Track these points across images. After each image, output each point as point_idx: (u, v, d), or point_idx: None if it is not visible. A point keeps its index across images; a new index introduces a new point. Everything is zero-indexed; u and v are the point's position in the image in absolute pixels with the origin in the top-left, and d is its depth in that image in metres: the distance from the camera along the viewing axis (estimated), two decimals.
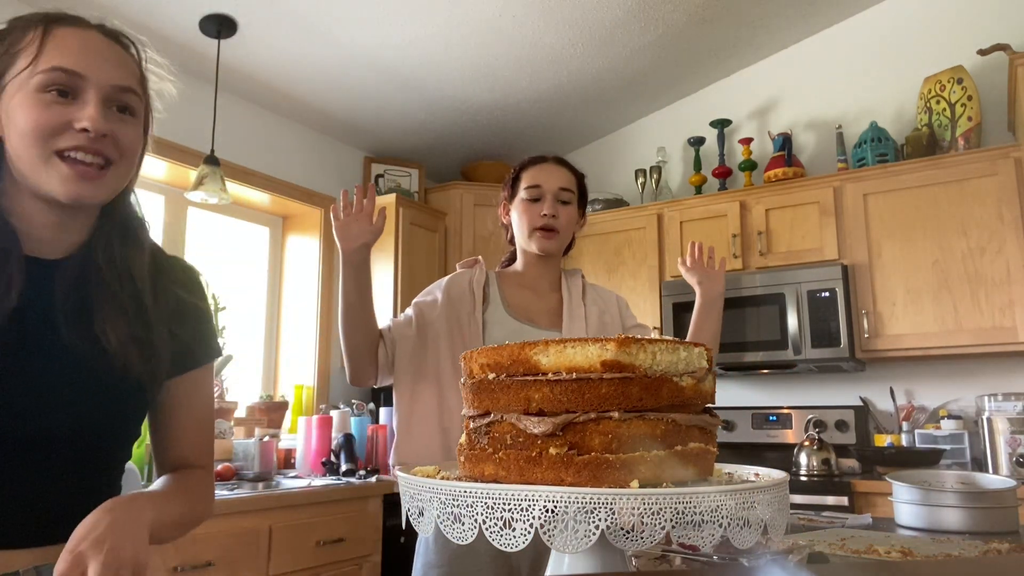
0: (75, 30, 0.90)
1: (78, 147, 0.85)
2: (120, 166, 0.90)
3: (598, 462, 0.67)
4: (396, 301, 3.63)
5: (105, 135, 0.86)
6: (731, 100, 3.89)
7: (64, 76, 0.86)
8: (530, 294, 1.65)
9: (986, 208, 2.95)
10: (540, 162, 1.67)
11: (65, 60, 0.86)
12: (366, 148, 4.05)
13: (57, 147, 0.85)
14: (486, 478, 0.74)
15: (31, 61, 0.85)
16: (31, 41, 0.87)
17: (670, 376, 0.72)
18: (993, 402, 2.90)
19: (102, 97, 0.88)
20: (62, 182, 0.85)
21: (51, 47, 0.86)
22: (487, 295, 1.61)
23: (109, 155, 0.88)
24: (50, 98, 0.85)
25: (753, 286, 3.29)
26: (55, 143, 0.85)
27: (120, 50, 0.95)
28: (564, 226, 1.64)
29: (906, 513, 1.52)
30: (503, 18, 3.09)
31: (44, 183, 0.86)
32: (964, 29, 3.32)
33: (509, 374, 0.73)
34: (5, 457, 0.83)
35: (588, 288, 1.73)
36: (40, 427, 0.85)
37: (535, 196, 1.61)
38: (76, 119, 0.85)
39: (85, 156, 0.86)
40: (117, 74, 0.90)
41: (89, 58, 0.88)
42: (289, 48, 3.10)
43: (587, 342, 0.70)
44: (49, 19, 0.89)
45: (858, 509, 2.69)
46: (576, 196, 1.68)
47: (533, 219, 1.61)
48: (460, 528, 0.69)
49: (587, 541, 0.64)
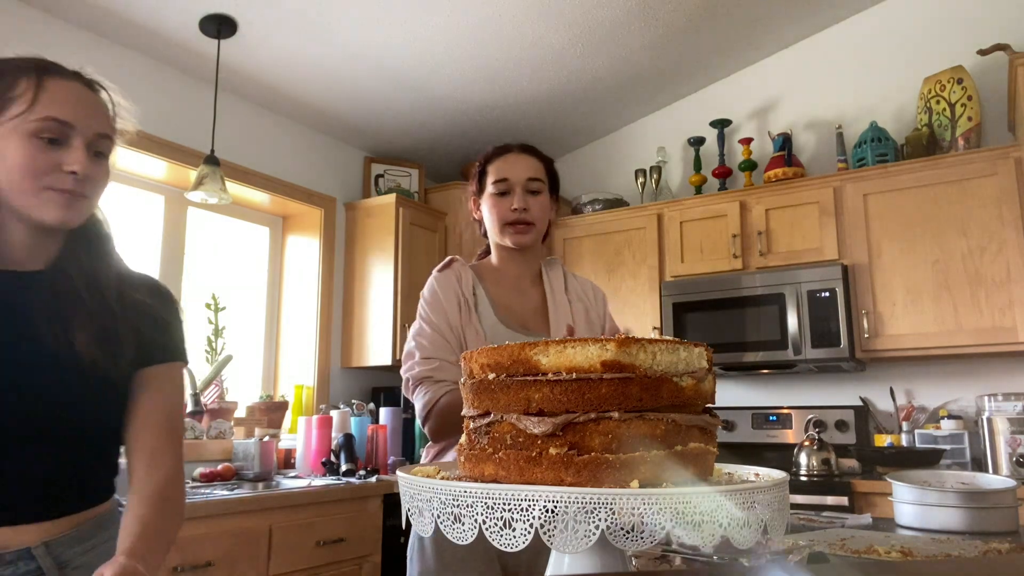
0: (64, 82, 1.05)
1: (65, 187, 1.01)
2: (93, 198, 1.07)
3: (598, 462, 0.67)
4: (396, 301, 3.63)
5: (87, 176, 1.03)
6: (731, 100, 3.89)
7: (57, 125, 1.01)
8: (513, 294, 1.60)
9: (986, 208, 2.95)
10: (505, 153, 1.61)
11: (58, 111, 1.01)
12: (366, 148, 4.05)
13: (48, 184, 1.01)
14: (486, 478, 0.74)
15: (27, 108, 1.00)
16: (26, 89, 1.01)
17: (670, 376, 0.72)
18: (993, 402, 2.90)
19: (86, 143, 1.04)
20: (50, 210, 1.01)
21: (45, 98, 1.01)
22: (476, 299, 1.55)
23: (86, 191, 1.05)
24: (43, 143, 1.00)
25: (753, 286, 3.29)
26: (47, 181, 1.00)
27: (98, 99, 1.09)
28: (537, 218, 1.58)
29: (906, 513, 1.52)
30: (503, 18, 3.09)
31: (34, 211, 1.01)
32: (964, 29, 3.32)
33: (509, 374, 0.73)
34: (6, 443, 0.97)
35: (569, 280, 1.68)
36: (30, 417, 0.99)
37: (503, 190, 1.56)
38: (66, 162, 1.01)
39: (72, 191, 1.02)
40: (98, 123, 1.06)
41: (77, 109, 1.03)
42: (289, 48, 3.10)
43: (587, 342, 0.70)
44: (40, 69, 1.04)
45: (858, 509, 2.69)
46: (546, 184, 1.61)
47: (503, 214, 1.56)
48: (460, 528, 0.69)
49: (587, 541, 0.64)
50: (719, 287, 3.36)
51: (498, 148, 1.63)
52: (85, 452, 1.06)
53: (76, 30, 2.76)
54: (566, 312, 1.58)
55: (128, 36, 2.85)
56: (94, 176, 1.05)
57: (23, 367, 1.00)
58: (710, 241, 3.50)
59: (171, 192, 3.22)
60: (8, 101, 1.00)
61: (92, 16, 2.72)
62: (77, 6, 2.67)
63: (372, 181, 4.01)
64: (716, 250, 3.47)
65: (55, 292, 1.05)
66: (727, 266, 3.42)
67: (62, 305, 1.04)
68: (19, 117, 0.99)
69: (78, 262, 1.08)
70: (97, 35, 2.81)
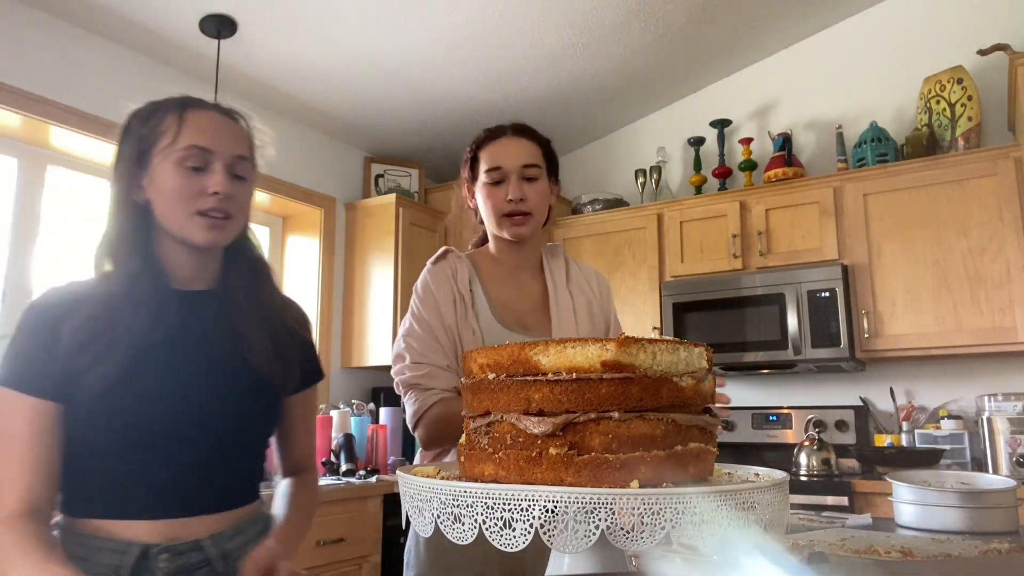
0: (203, 112, 1.15)
1: (212, 208, 1.11)
2: (238, 218, 1.17)
3: (598, 462, 0.67)
4: (396, 301, 3.63)
5: (229, 195, 1.13)
6: (731, 100, 3.89)
7: (198, 152, 1.11)
8: (511, 288, 1.49)
9: (986, 208, 2.95)
10: (497, 136, 1.48)
11: (199, 139, 1.12)
12: (366, 148, 4.05)
13: (196, 208, 1.11)
14: (486, 478, 0.74)
15: (172, 140, 1.11)
16: (171, 124, 1.12)
17: (670, 376, 0.72)
18: (993, 402, 2.90)
19: (225, 166, 1.13)
20: (199, 232, 1.11)
21: (187, 129, 1.12)
22: (473, 295, 1.45)
23: (230, 211, 1.14)
24: (188, 170, 1.11)
25: (753, 286, 3.29)
26: (195, 204, 1.11)
27: (236, 125, 1.19)
28: (535, 207, 1.45)
29: (906, 513, 1.52)
30: (503, 18, 3.09)
31: (186, 233, 1.12)
32: (964, 29, 3.32)
33: (509, 374, 0.73)
34: (183, 444, 1.09)
35: (572, 269, 1.58)
36: (206, 422, 1.11)
37: (497, 179, 1.44)
38: (208, 185, 1.11)
39: (215, 212, 1.12)
40: (235, 147, 1.16)
41: (215, 136, 1.14)
42: (289, 48, 3.10)
43: (587, 342, 0.70)
44: (182, 104, 1.15)
45: (858, 509, 2.69)
46: (544, 168, 1.48)
47: (499, 205, 1.43)
48: (460, 528, 0.69)
49: (587, 541, 0.64)
50: (719, 287, 3.36)
51: (490, 132, 1.50)
52: (246, 455, 1.20)
53: (76, 30, 2.76)
54: (568, 308, 1.49)
55: (128, 36, 2.85)
56: (235, 196, 1.14)
57: (201, 379, 1.12)
58: (710, 241, 3.50)
59: None
60: (158, 135, 1.12)
61: (92, 16, 2.72)
62: (77, 6, 2.66)
63: (372, 181, 4.01)
64: (716, 250, 3.47)
65: (227, 311, 1.17)
66: (727, 266, 3.42)
67: (235, 323, 1.17)
68: (167, 148, 1.11)
69: (242, 283, 1.21)
70: (97, 35, 2.81)
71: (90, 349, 1.04)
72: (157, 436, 1.07)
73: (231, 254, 1.22)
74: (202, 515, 1.10)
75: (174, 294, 1.14)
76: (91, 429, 1.05)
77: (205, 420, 1.11)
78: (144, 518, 1.06)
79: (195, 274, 1.18)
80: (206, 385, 1.12)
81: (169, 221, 1.12)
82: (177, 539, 1.07)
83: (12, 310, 2.62)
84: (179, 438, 1.09)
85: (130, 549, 1.04)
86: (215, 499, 1.12)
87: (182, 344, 1.12)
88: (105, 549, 1.04)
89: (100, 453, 1.06)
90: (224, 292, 1.19)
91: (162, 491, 1.07)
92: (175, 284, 1.16)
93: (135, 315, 1.07)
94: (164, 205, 1.11)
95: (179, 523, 1.08)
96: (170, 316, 1.12)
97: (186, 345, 1.13)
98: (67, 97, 2.71)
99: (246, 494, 1.19)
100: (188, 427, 1.09)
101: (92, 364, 1.04)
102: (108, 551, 1.04)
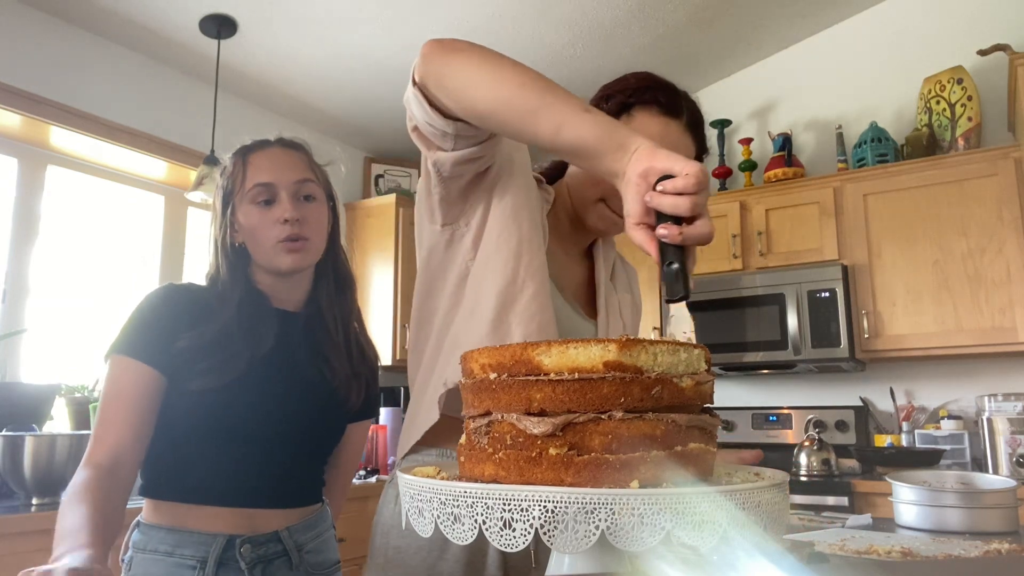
0: (261, 151, 1.27)
1: (288, 235, 1.21)
2: (314, 238, 1.26)
3: (598, 462, 0.68)
4: (396, 301, 3.63)
5: (298, 219, 1.22)
6: (731, 100, 3.89)
7: (263, 188, 1.23)
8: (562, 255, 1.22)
9: (986, 208, 2.95)
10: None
11: (261, 176, 1.23)
12: (366, 148, 4.05)
13: (276, 238, 1.22)
14: (486, 478, 0.74)
15: (241, 184, 1.24)
16: (238, 170, 1.25)
17: (670, 377, 0.72)
18: (993, 402, 2.90)
19: (290, 193, 1.23)
20: (282, 259, 1.23)
21: (251, 171, 1.24)
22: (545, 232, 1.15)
23: (303, 233, 1.23)
24: (260, 204, 1.23)
25: (753, 286, 3.29)
26: (274, 235, 1.21)
27: (294, 153, 1.30)
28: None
29: (906, 513, 1.52)
30: (503, 18, 3.09)
31: (274, 262, 1.23)
32: (964, 29, 3.32)
33: (511, 374, 0.73)
34: (274, 442, 1.21)
35: (618, 266, 1.37)
36: (284, 428, 1.22)
37: None
38: (279, 214, 1.22)
39: (291, 237, 1.21)
40: (295, 172, 1.26)
41: (275, 169, 1.25)
42: (289, 48, 3.10)
43: (590, 343, 0.70)
44: (244, 150, 1.28)
45: (858, 509, 2.70)
46: None
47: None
48: (460, 528, 0.69)
49: (587, 541, 0.64)
50: (719, 287, 3.36)
51: None
52: (317, 459, 1.32)
53: (76, 30, 2.76)
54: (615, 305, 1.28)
55: (128, 36, 2.85)
56: (306, 217, 1.24)
57: (291, 389, 1.24)
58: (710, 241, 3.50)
59: (171, 192, 3.22)
60: (233, 184, 1.25)
61: (92, 16, 2.72)
62: (77, 6, 2.67)
63: (372, 181, 4.01)
64: (716, 250, 3.47)
65: (312, 332, 1.29)
66: (727, 266, 3.42)
67: (319, 343, 1.29)
68: (240, 192, 1.24)
69: (328, 297, 1.32)
70: (97, 35, 2.81)
71: (205, 355, 1.16)
72: (255, 434, 1.20)
73: (320, 272, 1.33)
74: (279, 508, 1.22)
75: (274, 314, 1.27)
76: (200, 419, 1.16)
77: (293, 425, 1.23)
78: (231, 505, 1.17)
79: (288, 296, 1.30)
80: (296, 396, 1.25)
81: (259, 256, 1.25)
82: (256, 530, 1.18)
83: (12, 310, 2.62)
84: (271, 437, 1.21)
85: (216, 540, 1.14)
86: (291, 495, 1.25)
87: (277, 359, 1.24)
88: (191, 542, 1.14)
89: (204, 442, 1.17)
90: (308, 313, 1.31)
91: (251, 482, 1.19)
92: (274, 304, 1.28)
93: (244, 336, 1.20)
94: (252, 243, 1.24)
95: (259, 513, 1.19)
96: (270, 335, 1.24)
97: (280, 359, 1.24)
98: (67, 97, 2.71)
99: (315, 494, 1.31)
100: (280, 429, 1.22)
101: (207, 370, 1.15)
102: (194, 543, 1.14)
